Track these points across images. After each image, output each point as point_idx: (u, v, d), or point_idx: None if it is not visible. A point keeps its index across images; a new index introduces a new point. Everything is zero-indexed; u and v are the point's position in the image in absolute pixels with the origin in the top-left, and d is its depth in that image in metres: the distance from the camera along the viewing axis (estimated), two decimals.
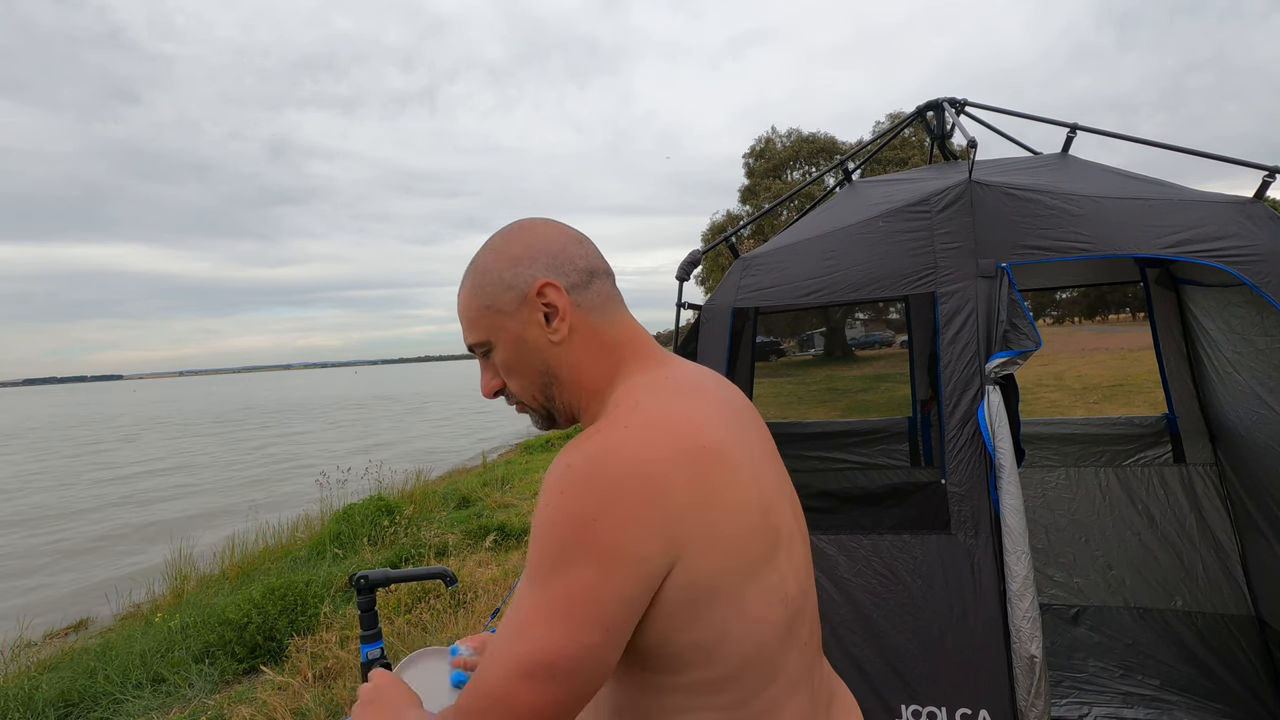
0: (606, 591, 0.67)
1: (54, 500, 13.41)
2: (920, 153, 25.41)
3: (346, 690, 3.63)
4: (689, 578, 0.71)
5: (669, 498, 0.69)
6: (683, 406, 0.78)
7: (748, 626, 0.75)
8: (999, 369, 1.85)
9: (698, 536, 0.71)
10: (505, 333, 0.85)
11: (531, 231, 0.87)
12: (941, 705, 1.85)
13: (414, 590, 4.91)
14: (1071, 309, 46.65)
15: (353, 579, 1.44)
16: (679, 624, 0.72)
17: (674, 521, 0.69)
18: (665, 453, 0.71)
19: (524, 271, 0.83)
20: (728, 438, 0.77)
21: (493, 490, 9.00)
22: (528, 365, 0.86)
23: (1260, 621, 2.62)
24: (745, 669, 0.76)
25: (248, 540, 7.51)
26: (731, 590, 0.73)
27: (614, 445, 0.71)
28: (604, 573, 0.67)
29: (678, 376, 0.84)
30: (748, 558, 0.75)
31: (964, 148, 2.29)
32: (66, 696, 3.89)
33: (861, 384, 21.21)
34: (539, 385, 0.87)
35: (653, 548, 0.68)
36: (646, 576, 0.69)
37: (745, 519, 0.75)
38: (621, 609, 0.68)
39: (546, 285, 0.83)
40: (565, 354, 0.85)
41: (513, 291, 0.83)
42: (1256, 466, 2.47)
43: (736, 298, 2.32)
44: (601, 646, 0.68)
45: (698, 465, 0.72)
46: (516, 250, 0.85)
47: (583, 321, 0.85)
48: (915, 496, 3.19)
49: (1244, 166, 2.07)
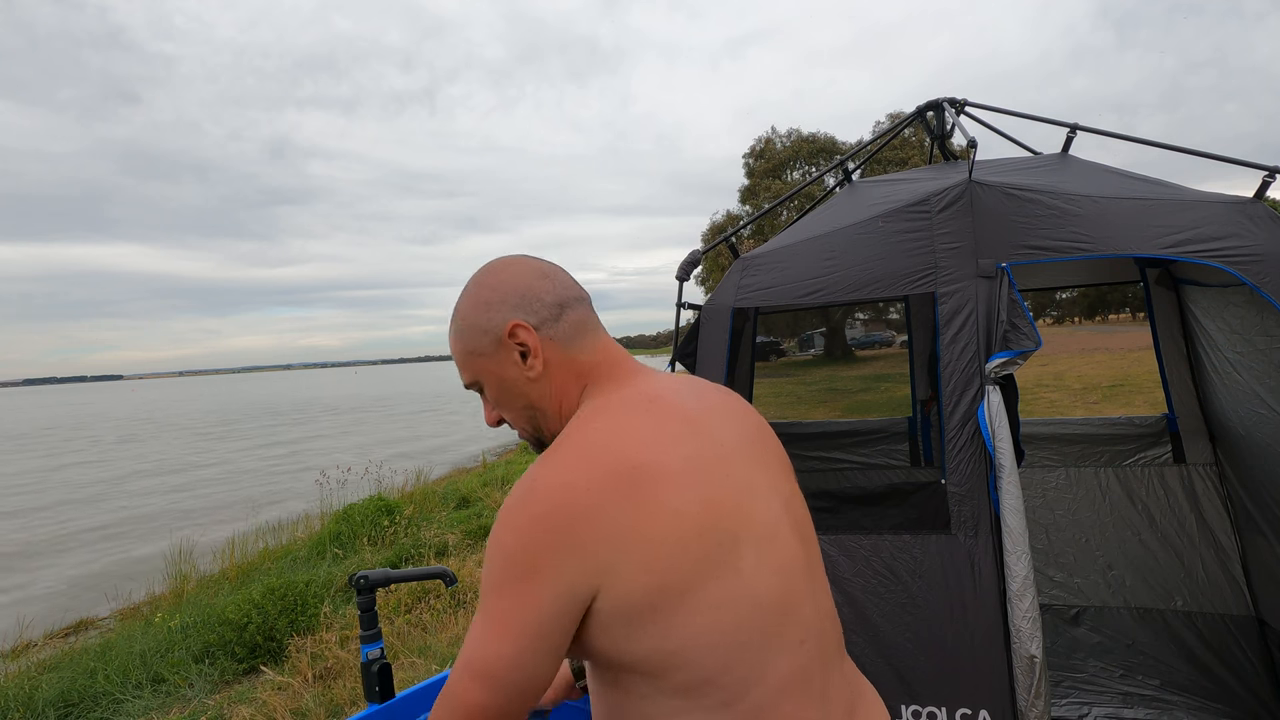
0: (528, 611, 0.74)
1: (71, 498, 13.41)
2: (920, 153, 25.41)
3: (346, 690, 3.63)
4: (619, 593, 0.75)
5: (590, 525, 0.74)
6: (622, 425, 0.82)
7: (709, 630, 0.76)
8: (999, 369, 1.85)
9: (620, 559, 0.74)
10: (488, 374, 0.91)
11: (500, 274, 0.92)
12: (941, 705, 1.85)
13: (414, 590, 4.92)
14: (1071, 309, 46.66)
15: (353, 579, 1.44)
16: (622, 635, 0.76)
17: (595, 545, 0.74)
18: (589, 480, 0.76)
19: (495, 315, 0.89)
20: (667, 450, 0.80)
21: (493, 490, 9.00)
22: (512, 400, 0.92)
23: (1260, 621, 2.62)
24: (723, 672, 0.77)
25: (248, 540, 7.52)
26: (671, 602, 0.75)
27: (543, 476, 0.77)
28: (526, 588, 0.74)
29: (634, 394, 0.88)
30: (689, 565, 0.76)
31: (964, 148, 2.29)
32: (66, 696, 3.89)
33: (861, 384, 21.21)
34: (526, 417, 0.93)
35: (571, 575, 0.74)
36: (567, 597, 0.74)
37: (679, 532, 0.76)
38: (543, 620, 0.74)
39: (516, 326, 0.88)
40: (544, 387, 0.90)
41: (488, 335, 0.89)
42: (1256, 466, 2.47)
43: (736, 298, 2.32)
44: (526, 655, 0.75)
45: (621, 489, 0.76)
46: (486, 294, 0.90)
47: (556, 354, 0.90)
48: (915, 496, 3.19)
49: (1244, 166, 2.07)
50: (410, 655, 3.97)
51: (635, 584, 0.74)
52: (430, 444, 18.67)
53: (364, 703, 3.05)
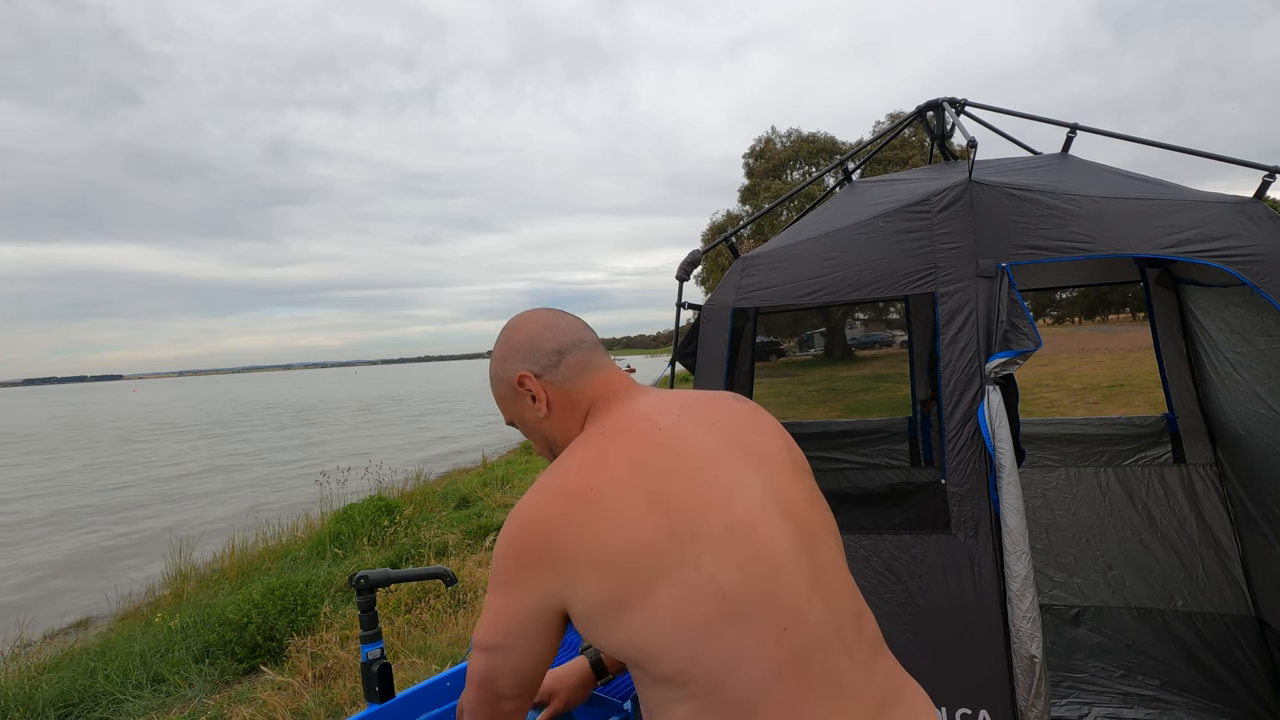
0: (512, 611, 0.91)
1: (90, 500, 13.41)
2: (920, 153, 25.41)
3: (346, 690, 3.63)
4: (584, 600, 0.86)
5: (552, 547, 0.87)
6: (588, 453, 0.95)
7: (671, 623, 0.83)
8: (999, 369, 1.85)
9: (584, 570, 0.85)
10: (516, 415, 1.10)
11: (512, 331, 1.09)
12: (941, 705, 1.85)
13: (414, 590, 4.91)
14: (1071, 309, 46.64)
15: (353, 579, 1.44)
16: (600, 631, 0.87)
17: (559, 564, 0.87)
18: (551, 509, 0.89)
19: (509, 367, 1.07)
20: (622, 468, 0.91)
21: (493, 490, 9.00)
22: (534, 434, 1.10)
23: (1260, 621, 2.62)
24: (693, 661, 0.82)
25: (248, 540, 7.51)
26: (633, 600, 0.84)
27: (522, 507, 0.92)
28: (503, 597, 0.91)
29: (614, 420, 1.00)
30: (646, 566, 0.84)
31: (964, 148, 2.29)
32: (66, 696, 3.89)
33: (861, 384, 21.21)
34: (545, 447, 1.10)
35: (542, 586, 0.88)
36: (540, 605, 0.89)
37: (637, 533, 0.85)
38: (523, 624, 0.91)
39: (523, 376, 1.05)
40: (552, 424, 1.06)
41: (506, 383, 1.07)
42: (1256, 466, 2.47)
43: (736, 298, 2.32)
44: (514, 643, 0.92)
45: (578, 508, 0.87)
46: (502, 350, 1.09)
47: (558, 395, 1.05)
48: (915, 496, 3.18)
49: (1243, 166, 2.07)
50: (410, 655, 3.97)
51: (596, 590, 0.85)
52: (440, 444, 18.54)
53: (364, 703, 3.05)
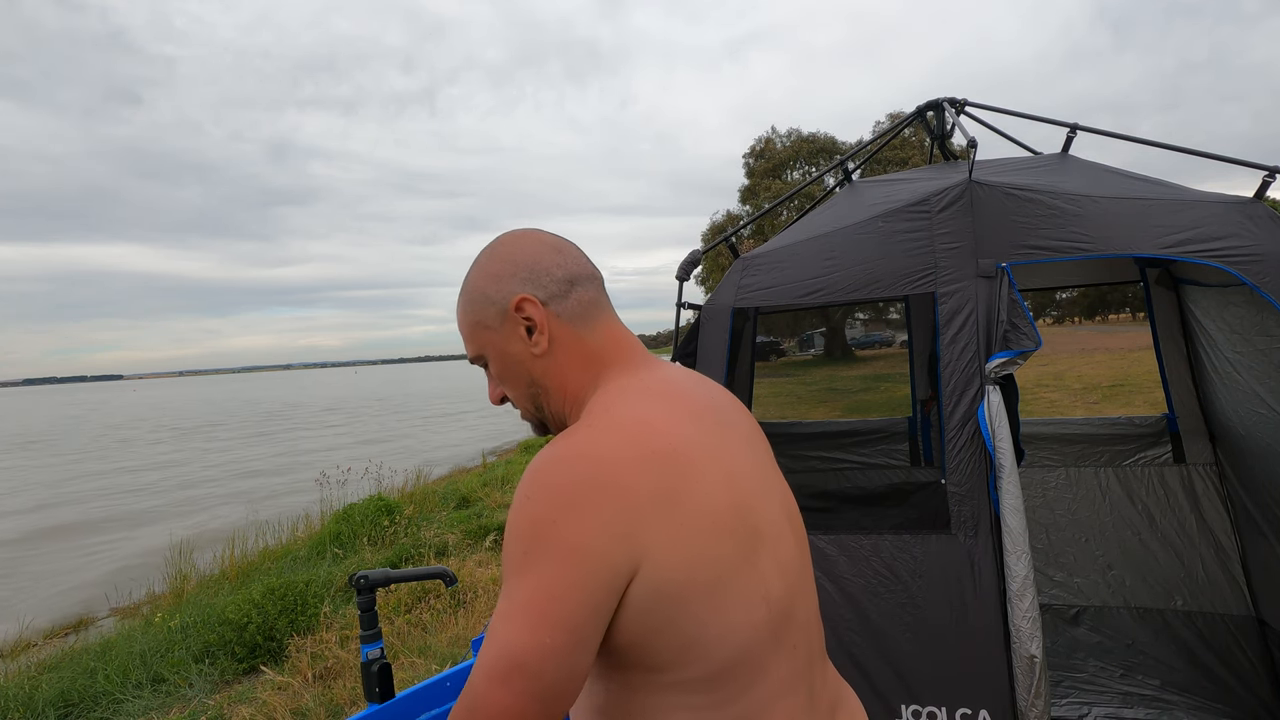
0: (567, 591, 0.67)
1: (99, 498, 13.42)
2: (920, 153, 25.41)
3: (346, 690, 3.64)
4: (655, 579, 0.70)
5: (630, 499, 0.70)
6: (650, 409, 0.79)
7: (726, 627, 0.74)
8: (999, 369, 1.85)
9: (662, 538, 0.70)
10: (493, 347, 0.88)
11: (511, 246, 0.89)
12: (941, 705, 1.85)
13: (414, 590, 4.91)
14: (1071, 309, 46.65)
15: (353, 579, 1.44)
16: (652, 625, 0.71)
17: (636, 523, 0.69)
18: (627, 455, 0.72)
19: (503, 287, 0.86)
20: (696, 440, 0.78)
21: (493, 490, 9.00)
22: (516, 377, 0.89)
23: (1260, 621, 2.62)
24: (727, 670, 0.75)
25: (248, 540, 7.51)
26: (703, 591, 0.72)
27: (577, 448, 0.73)
28: (565, 572, 0.67)
29: (651, 380, 0.85)
30: (719, 559, 0.74)
31: (964, 148, 2.29)
32: (66, 696, 3.89)
33: (861, 384, 21.21)
34: (528, 395, 0.90)
35: (614, 548, 0.68)
36: (609, 578, 0.69)
37: (714, 520, 0.74)
38: (583, 610, 0.68)
39: (524, 300, 0.85)
40: (548, 365, 0.87)
41: (495, 307, 0.87)
42: (1256, 466, 2.47)
43: (736, 298, 2.32)
44: (564, 648, 0.67)
45: (661, 467, 0.73)
46: (496, 267, 0.88)
47: (563, 331, 0.86)
48: (915, 496, 3.19)
49: (1243, 166, 2.07)
50: (410, 655, 3.97)
51: (671, 569, 0.70)
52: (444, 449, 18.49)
53: (364, 703, 3.05)
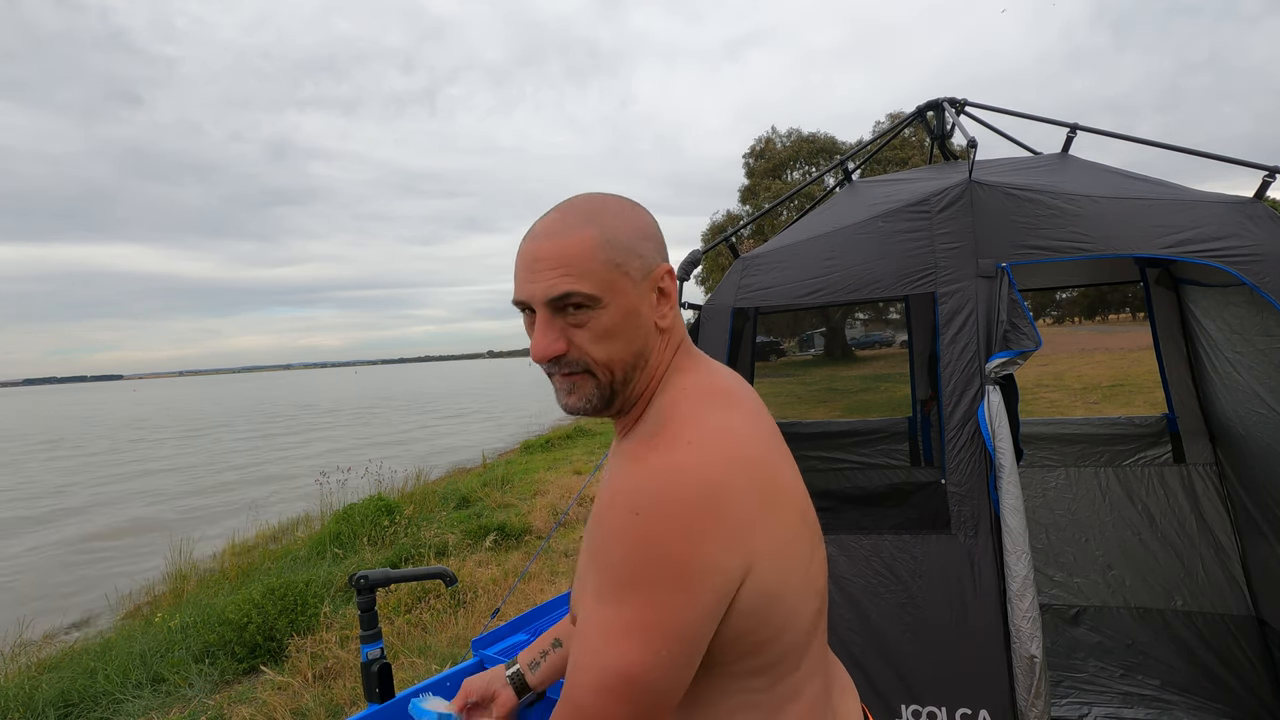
0: (685, 609, 0.69)
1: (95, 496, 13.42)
2: (920, 153, 25.41)
3: (346, 690, 3.63)
4: (759, 584, 0.73)
5: (736, 513, 0.71)
6: (732, 417, 0.80)
7: (795, 620, 0.79)
8: (999, 369, 1.85)
9: (764, 545, 0.73)
10: (624, 297, 0.80)
11: (645, 214, 0.87)
12: (941, 705, 1.85)
13: (414, 590, 4.91)
14: (1071, 309, 46.65)
15: (353, 579, 1.44)
16: (747, 625, 0.75)
17: (744, 535, 0.72)
18: (726, 470, 0.73)
19: (652, 249, 0.83)
20: (770, 446, 0.81)
21: (493, 490, 9.00)
22: (630, 338, 0.82)
23: (1260, 621, 2.62)
24: (783, 656, 0.80)
25: (248, 540, 7.51)
26: (788, 590, 0.77)
27: (680, 462, 0.72)
28: (682, 590, 0.68)
29: (717, 383, 0.85)
30: (798, 559, 0.79)
31: (964, 148, 2.29)
32: (66, 696, 3.89)
33: (861, 384, 21.21)
34: (629, 362, 0.83)
35: (727, 562, 0.71)
36: (723, 590, 0.71)
37: (794, 523, 0.79)
38: (698, 623, 0.70)
39: (668, 272, 0.84)
40: (661, 340, 0.86)
41: (643, 262, 0.81)
42: (1256, 466, 2.47)
43: (736, 298, 2.32)
44: (679, 662, 0.70)
45: (759, 477, 0.75)
46: (646, 227, 0.84)
47: (676, 314, 0.87)
48: (915, 496, 3.19)
49: (1243, 166, 2.07)
50: (410, 655, 3.97)
51: (770, 572, 0.74)
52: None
53: (364, 703, 3.05)
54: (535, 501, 8.06)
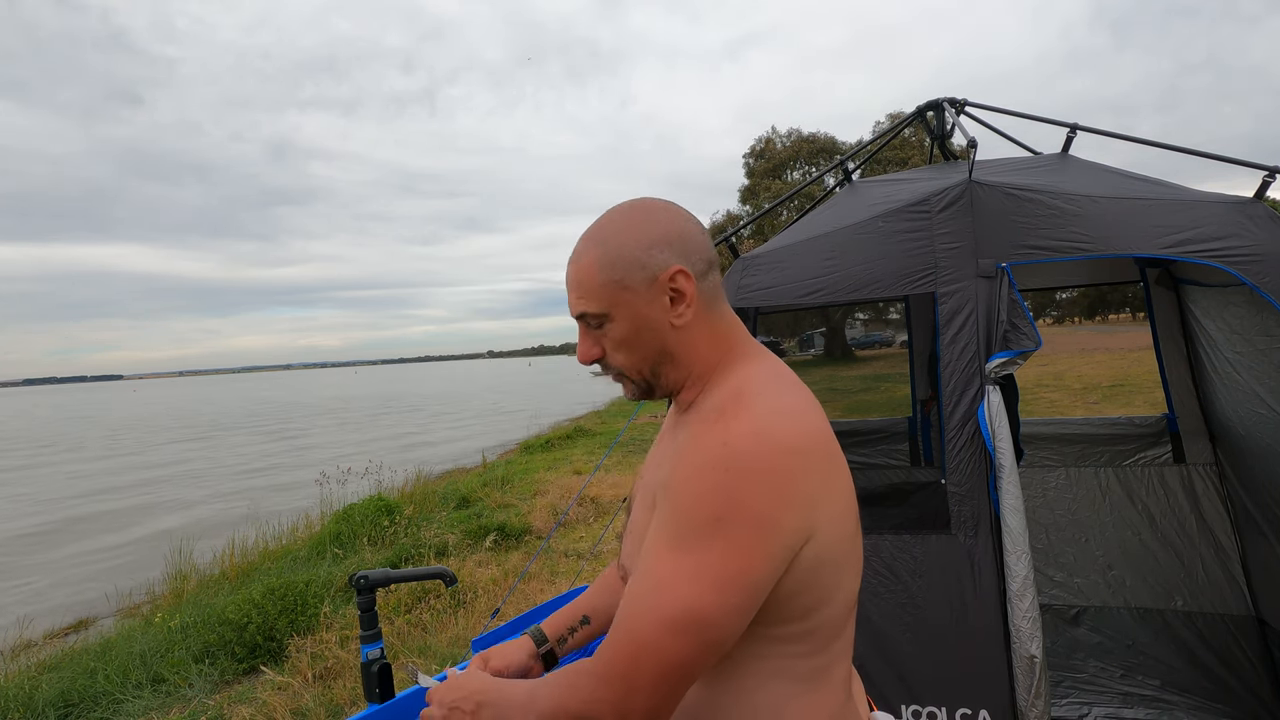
0: (757, 559, 0.75)
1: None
2: (920, 153, 25.41)
3: (346, 690, 3.63)
4: (818, 547, 0.79)
5: (813, 475, 0.79)
6: (801, 398, 0.86)
7: (840, 591, 0.84)
8: (999, 369, 1.85)
9: (828, 512, 0.80)
10: (628, 309, 0.88)
11: (666, 214, 0.91)
12: (941, 705, 1.85)
13: (414, 590, 4.91)
14: (1071, 309, 46.65)
15: (353, 579, 1.44)
16: (798, 588, 0.80)
17: (812, 499, 0.78)
18: (803, 438, 0.80)
19: (659, 255, 0.87)
20: (830, 429, 0.87)
21: (493, 490, 9.00)
22: (645, 343, 0.90)
23: (1260, 621, 2.62)
24: (824, 626, 0.84)
25: (248, 540, 7.51)
26: (839, 559, 0.83)
27: (767, 427, 0.78)
28: (760, 540, 0.75)
29: (782, 370, 0.92)
30: (848, 533, 0.85)
31: (964, 148, 2.29)
32: (66, 696, 3.89)
33: (861, 384, 21.22)
34: (651, 362, 0.91)
35: (800, 520, 0.77)
36: (792, 545, 0.77)
37: (850, 498, 0.86)
38: (767, 574, 0.76)
39: (679, 272, 0.87)
40: (683, 337, 0.90)
41: (645, 272, 0.87)
42: (1256, 466, 2.47)
43: (736, 298, 2.32)
44: (743, 608, 0.76)
45: (823, 451, 0.82)
46: (653, 232, 0.88)
47: (700, 309, 0.90)
48: (915, 496, 3.19)
49: (1244, 166, 2.07)
50: (410, 655, 3.97)
51: (827, 540, 0.80)
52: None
53: (364, 703, 3.05)
54: (535, 501, 8.06)
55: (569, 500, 7.62)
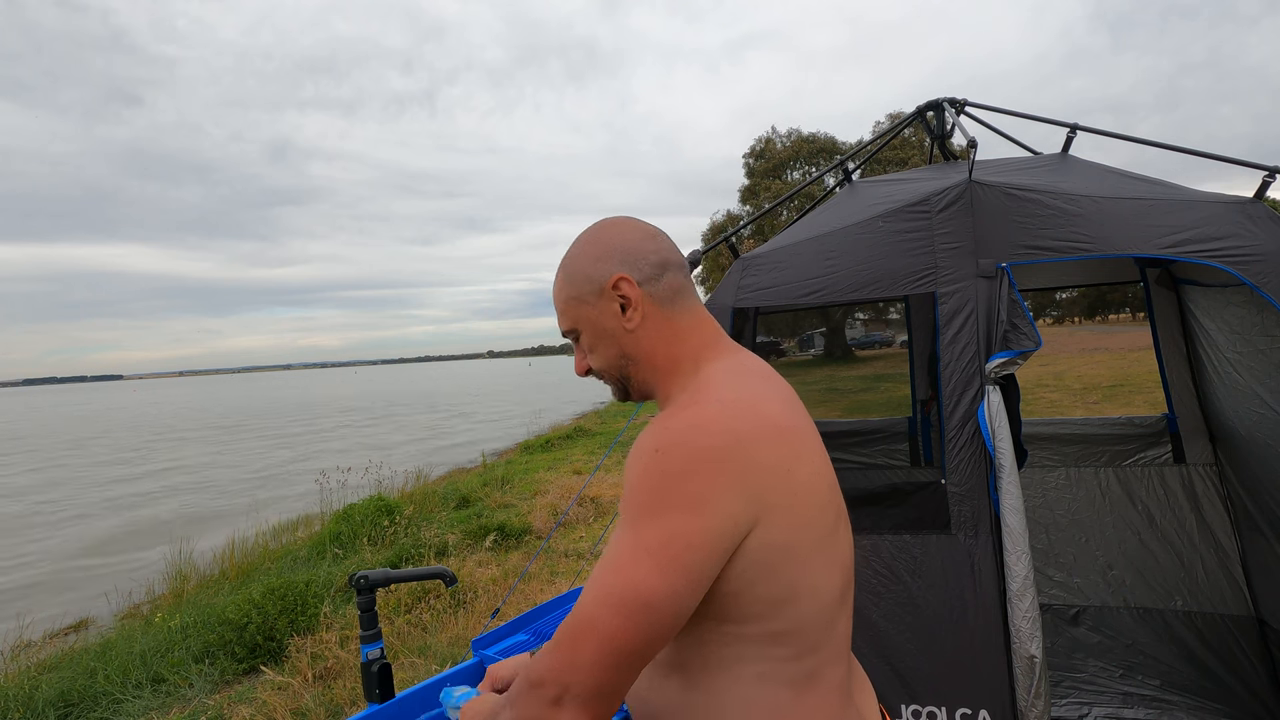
0: (695, 539, 0.76)
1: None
2: (920, 153, 25.40)
3: (346, 690, 3.63)
4: (768, 537, 0.80)
5: (755, 464, 0.79)
6: (760, 391, 0.88)
7: (812, 587, 0.84)
8: (999, 369, 1.85)
9: (778, 502, 0.80)
10: (587, 321, 0.97)
11: (610, 230, 0.99)
12: (941, 705, 1.85)
13: (414, 590, 4.91)
14: (1071, 309, 46.65)
15: (353, 579, 1.44)
16: (754, 578, 0.80)
17: (758, 486, 0.79)
18: (752, 425, 0.81)
19: (603, 267, 0.95)
20: (800, 423, 0.88)
21: (493, 490, 9.00)
22: (606, 349, 0.98)
23: (1260, 621, 2.62)
24: (804, 626, 0.84)
25: (248, 540, 7.51)
26: (803, 553, 0.82)
27: (707, 417, 0.81)
28: (694, 520, 0.76)
29: (750, 365, 0.94)
30: (818, 526, 0.85)
31: (964, 148, 2.29)
32: (66, 696, 3.89)
33: (861, 384, 21.22)
34: (616, 365, 0.99)
35: (738, 505, 0.78)
36: (731, 530, 0.77)
37: (819, 493, 0.85)
38: (706, 557, 0.76)
39: (620, 280, 0.94)
40: (639, 339, 0.96)
41: (592, 284, 0.96)
42: (1256, 466, 2.47)
43: (736, 298, 2.32)
44: (684, 590, 0.76)
45: (779, 441, 0.82)
46: (597, 249, 0.97)
47: (654, 311, 0.95)
48: (915, 496, 3.18)
49: (1244, 167, 2.07)
50: (410, 655, 3.97)
51: (782, 529, 0.80)
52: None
53: (364, 703, 3.05)
54: (535, 501, 8.06)
55: (569, 500, 7.62)
